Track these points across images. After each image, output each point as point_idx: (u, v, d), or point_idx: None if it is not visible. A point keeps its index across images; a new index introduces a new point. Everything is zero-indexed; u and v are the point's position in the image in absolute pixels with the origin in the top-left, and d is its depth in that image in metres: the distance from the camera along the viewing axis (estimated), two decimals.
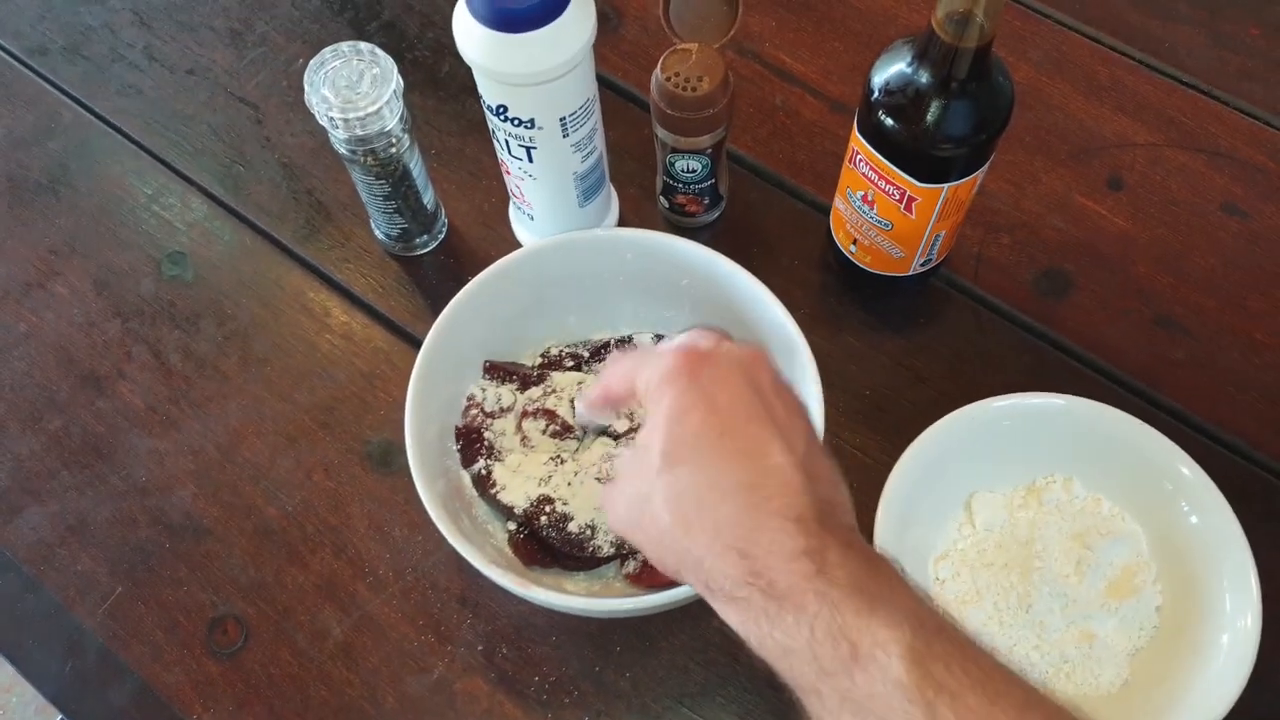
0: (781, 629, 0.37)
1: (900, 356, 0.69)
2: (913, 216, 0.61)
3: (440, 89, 0.78)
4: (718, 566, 0.38)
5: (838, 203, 0.67)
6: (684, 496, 0.39)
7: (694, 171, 0.66)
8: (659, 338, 0.67)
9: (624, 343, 0.67)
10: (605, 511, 0.45)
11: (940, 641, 0.35)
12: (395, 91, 0.61)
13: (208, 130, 0.78)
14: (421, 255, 0.73)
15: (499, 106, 0.58)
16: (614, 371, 0.47)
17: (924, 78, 0.55)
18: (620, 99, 0.78)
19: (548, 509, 0.60)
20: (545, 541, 0.60)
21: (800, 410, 0.43)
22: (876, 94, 0.57)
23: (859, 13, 0.81)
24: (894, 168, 0.59)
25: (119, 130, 0.78)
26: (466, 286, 0.61)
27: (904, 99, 0.56)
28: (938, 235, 0.63)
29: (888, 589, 0.37)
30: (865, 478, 0.61)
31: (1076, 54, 0.79)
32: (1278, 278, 0.70)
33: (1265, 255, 0.71)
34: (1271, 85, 0.77)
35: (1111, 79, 0.78)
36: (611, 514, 0.44)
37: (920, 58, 0.55)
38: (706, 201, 0.70)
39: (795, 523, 0.38)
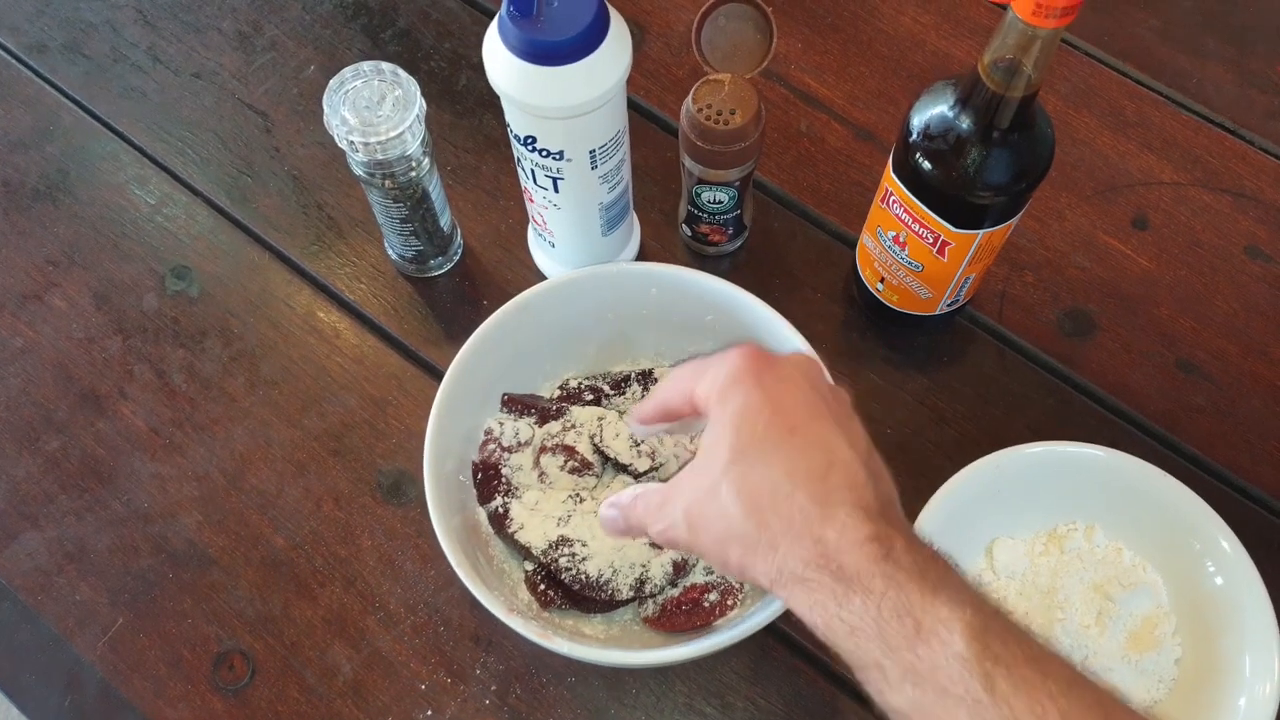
0: (849, 609, 0.39)
1: (923, 395, 0.68)
2: (945, 260, 0.60)
3: (457, 103, 0.76)
4: (791, 552, 0.40)
5: (866, 240, 0.65)
6: (757, 487, 0.41)
7: (720, 203, 0.65)
8: None
9: (645, 376, 0.65)
10: (665, 514, 0.45)
11: (996, 621, 0.38)
12: (418, 115, 0.59)
13: (214, 138, 0.75)
14: (435, 277, 0.71)
15: (528, 138, 0.56)
16: (670, 384, 0.48)
17: (966, 124, 0.54)
18: (643, 120, 0.76)
19: (567, 551, 0.58)
20: (563, 583, 0.58)
21: (854, 413, 0.46)
22: (915, 136, 0.56)
23: (887, 36, 0.79)
24: (929, 211, 0.57)
25: (121, 135, 0.75)
26: (489, 320, 0.59)
27: (944, 144, 0.55)
28: (968, 278, 0.62)
29: (947, 575, 0.40)
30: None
31: (1105, 87, 0.78)
32: None
33: None
34: None
35: (1139, 114, 0.77)
36: (667, 518, 0.45)
37: (963, 103, 0.54)
38: (730, 231, 0.68)
39: (863, 512, 0.40)
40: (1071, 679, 0.37)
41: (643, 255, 0.71)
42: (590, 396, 0.64)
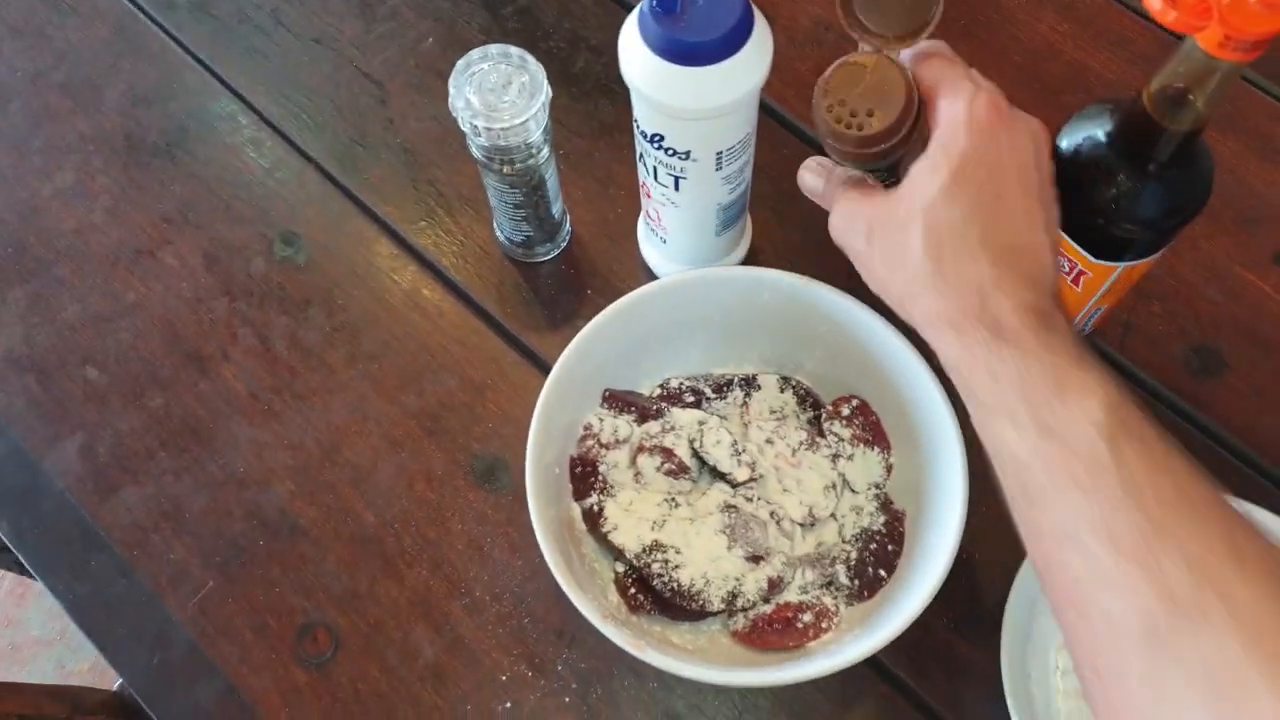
0: (997, 357, 0.41)
1: None
2: (1078, 290, 0.57)
3: (573, 85, 0.75)
4: (955, 300, 0.43)
5: None
6: (948, 235, 0.44)
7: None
8: (785, 380, 0.64)
9: (748, 381, 0.64)
10: (853, 213, 0.49)
11: (1133, 406, 0.40)
12: (544, 103, 0.58)
13: (330, 106, 0.75)
14: (542, 262, 0.70)
15: (655, 135, 0.55)
16: (935, 64, 0.48)
17: (1120, 153, 0.51)
18: (761, 114, 0.73)
19: (660, 557, 0.57)
20: (654, 590, 0.57)
21: (1055, 200, 0.47)
22: (1063, 159, 0.53)
23: (1021, 45, 0.76)
24: (1069, 239, 0.55)
25: (240, 97, 0.76)
26: (600, 315, 0.58)
27: (1095, 172, 0.52)
28: (1099, 309, 0.60)
29: (1094, 359, 0.42)
30: (1004, 549, 0.59)
31: (1252, 109, 0.74)
32: None
33: None
34: None
35: None
36: (852, 217, 0.49)
37: (1120, 130, 0.51)
38: None
39: (1035, 286, 0.43)
40: (1195, 467, 0.39)
41: (752, 255, 0.69)
42: (691, 398, 0.63)
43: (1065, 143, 0.53)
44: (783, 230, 0.70)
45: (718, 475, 0.61)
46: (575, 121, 0.74)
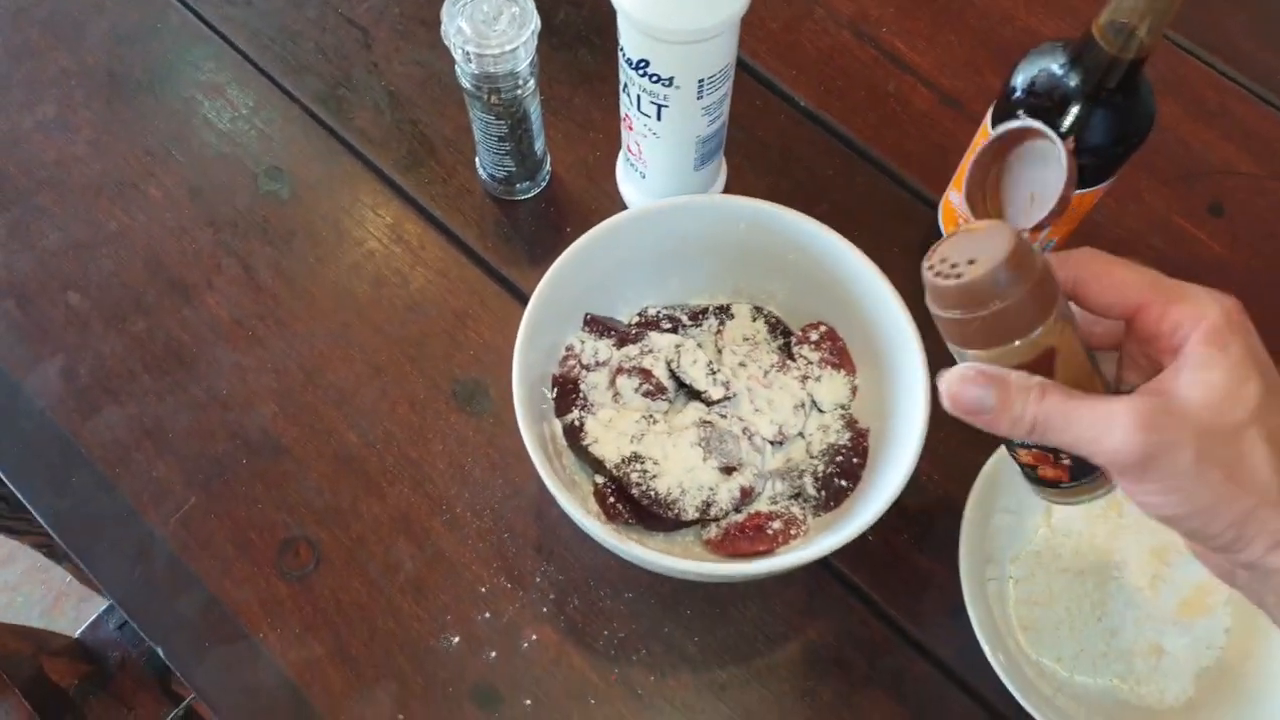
0: None
1: None
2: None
3: (554, 35, 0.78)
4: None
5: (951, 196, 0.66)
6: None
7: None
8: (757, 310, 0.67)
9: (722, 310, 0.67)
10: (1106, 429, 0.38)
11: None
12: (533, 32, 0.60)
13: (314, 49, 0.77)
14: (521, 200, 0.72)
15: (640, 61, 0.58)
16: (1125, 277, 0.41)
17: (1073, 81, 0.55)
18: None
19: (638, 467, 0.60)
20: (631, 498, 0.60)
21: None
22: (1019, 92, 0.57)
23: (977, 9, 0.80)
24: None
25: (225, 38, 0.77)
26: (582, 238, 0.60)
27: (1049, 101, 0.56)
28: (1051, 241, 0.63)
29: None
30: (951, 469, 0.62)
31: (1190, 77, 0.79)
32: None
33: None
34: None
35: (1221, 105, 0.78)
36: (1108, 435, 0.38)
37: (1072, 62, 0.55)
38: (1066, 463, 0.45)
39: None
40: None
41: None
42: (668, 325, 0.66)
43: (1021, 77, 0.57)
44: (754, 175, 0.73)
45: (694, 395, 0.63)
46: (556, 70, 0.76)
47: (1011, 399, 0.39)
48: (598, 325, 0.64)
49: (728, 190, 0.72)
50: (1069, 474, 0.43)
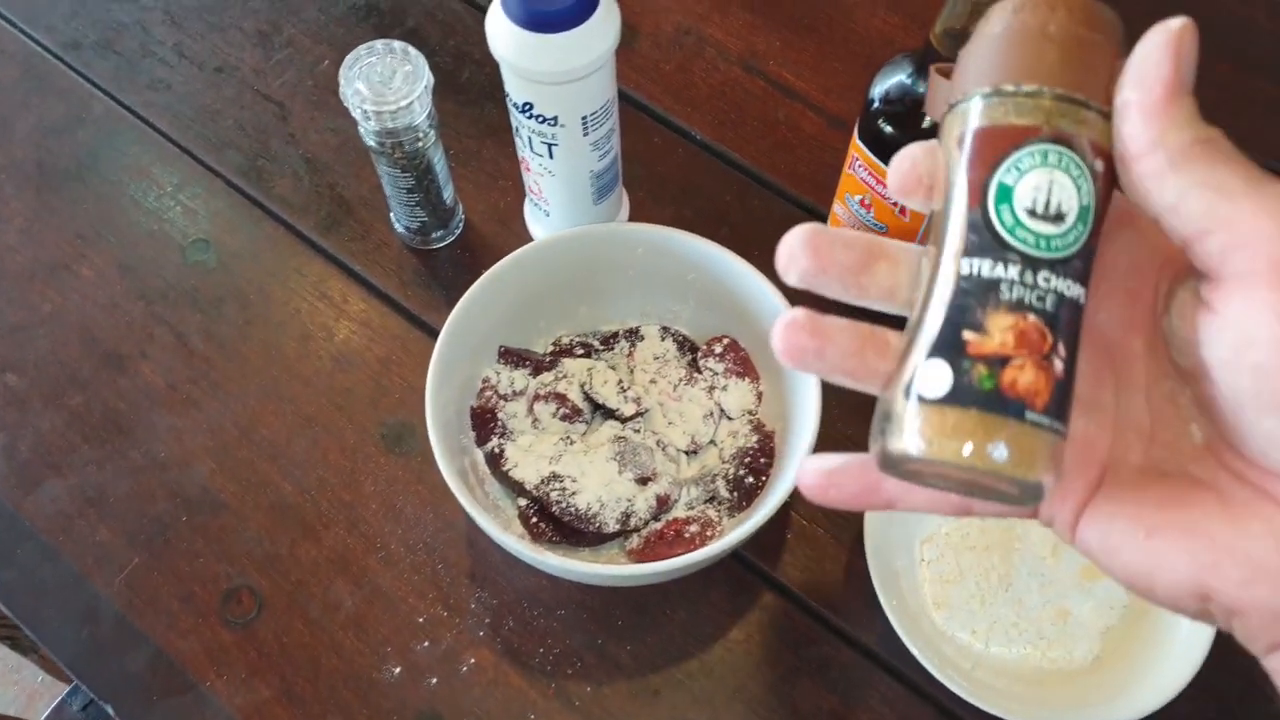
0: None
1: None
2: (906, 220, 0.65)
3: (460, 94, 0.82)
4: None
5: (836, 207, 0.70)
6: None
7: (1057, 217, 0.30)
8: (665, 330, 0.70)
9: (632, 333, 0.70)
10: None
11: None
12: (426, 87, 0.64)
13: (234, 125, 0.81)
14: (438, 249, 0.76)
15: (525, 104, 0.62)
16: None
17: (921, 88, 0.59)
18: (633, 109, 0.82)
19: (558, 485, 0.62)
20: (554, 517, 0.62)
21: None
22: (877, 103, 0.61)
23: (859, 36, 0.85)
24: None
25: (147, 122, 0.81)
26: (485, 274, 0.64)
27: (902, 107, 0.60)
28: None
29: None
30: None
31: None
32: None
33: None
34: (1241, 117, 0.81)
35: None
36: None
37: (918, 70, 0.59)
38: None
39: None
40: None
41: None
42: (581, 351, 0.69)
43: (877, 90, 0.62)
44: (657, 206, 0.77)
45: (609, 414, 0.66)
46: (463, 125, 0.81)
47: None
48: (512, 356, 0.68)
49: (633, 220, 0.76)
50: (1052, 392, 0.28)
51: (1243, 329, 0.26)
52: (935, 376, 0.28)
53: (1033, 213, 0.28)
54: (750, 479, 0.64)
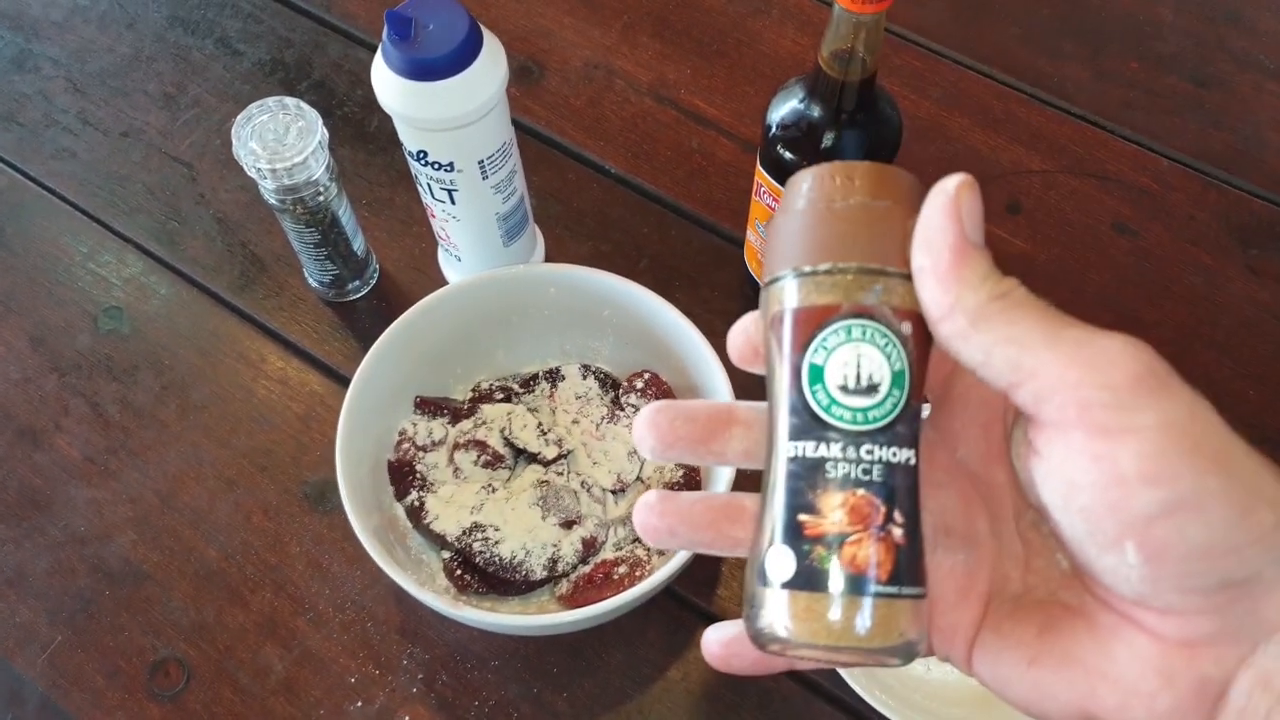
0: None
1: None
2: None
3: (369, 142, 0.82)
4: None
5: (749, 234, 0.70)
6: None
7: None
8: (586, 368, 0.69)
9: (552, 374, 0.69)
10: None
11: None
12: (320, 142, 0.64)
13: (143, 189, 0.80)
14: (354, 300, 0.75)
15: (419, 152, 0.61)
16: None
17: (815, 111, 0.59)
18: (545, 146, 0.81)
19: (480, 535, 0.61)
20: (479, 568, 0.62)
21: None
22: (774, 129, 0.61)
23: (769, 58, 0.85)
24: None
25: (53, 192, 0.80)
26: (392, 325, 0.63)
27: (798, 132, 0.60)
28: None
29: None
30: None
31: (973, 90, 0.84)
32: (1166, 290, 0.75)
33: (1154, 270, 0.76)
34: (1153, 113, 0.82)
35: (1006, 112, 0.83)
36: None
37: (811, 93, 0.59)
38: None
39: None
40: None
41: None
42: (501, 396, 0.68)
43: (774, 115, 0.62)
44: (575, 242, 0.77)
45: (531, 458, 0.66)
46: (373, 173, 0.80)
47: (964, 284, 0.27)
48: (429, 405, 0.67)
49: (549, 260, 0.75)
50: (894, 562, 0.28)
51: (1066, 475, 0.27)
52: (781, 562, 0.28)
53: (845, 389, 0.28)
54: None
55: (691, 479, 0.64)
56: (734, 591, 0.65)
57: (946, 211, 0.27)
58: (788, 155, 0.61)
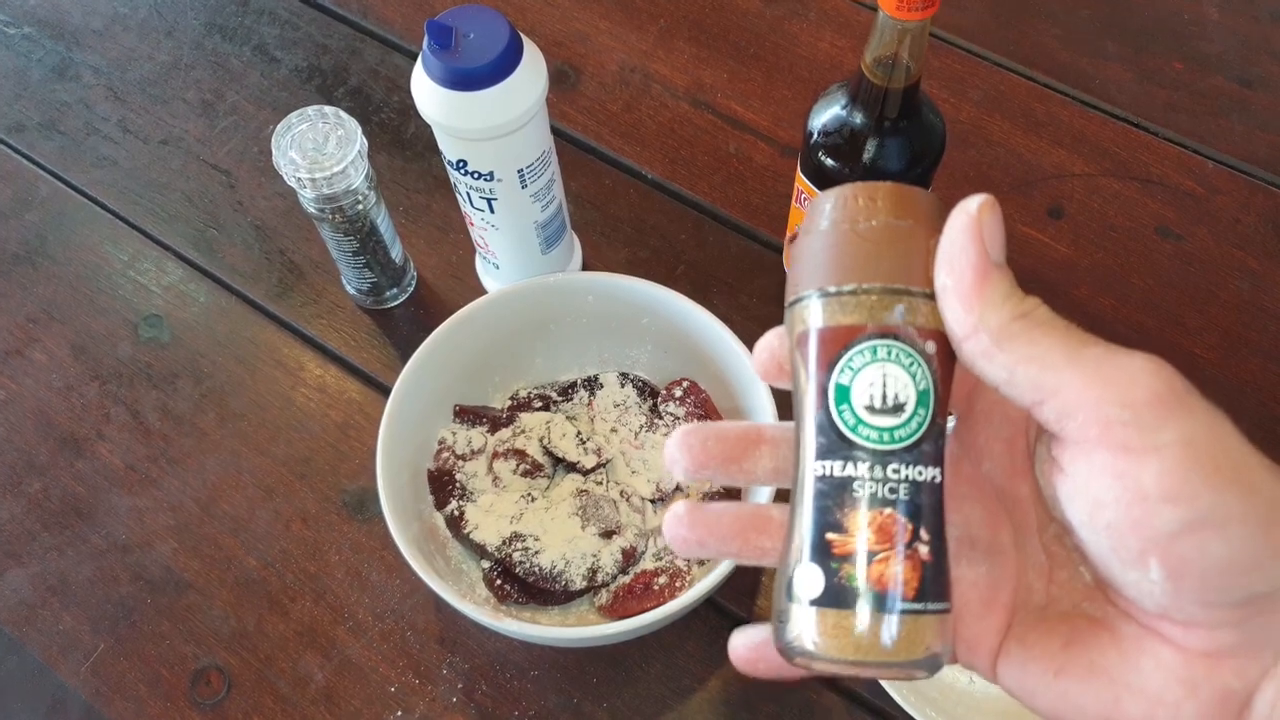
0: None
1: None
2: None
3: (406, 149, 0.82)
4: None
5: (788, 240, 0.69)
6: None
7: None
8: (624, 376, 0.69)
9: (590, 382, 0.69)
10: None
11: None
12: (360, 151, 0.64)
13: (181, 197, 0.80)
14: (392, 308, 0.75)
15: (459, 161, 0.61)
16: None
17: (858, 118, 0.58)
18: (581, 152, 0.81)
19: (520, 545, 0.61)
20: (519, 578, 0.61)
21: None
22: (815, 136, 0.61)
23: (806, 61, 0.84)
24: None
25: (95, 200, 0.81)
26: (432, 334, 0.63)
27: (840, 139, 0.59)
28: None
29: None
30: None
31: (1014, 92, 0.83)
32: (1212, 295, 0.73)
33: (1198, 274, 0.74)
34: (1196, 115, 0.81)
35: (1048, 114, 0.82)
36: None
37: (854, 100, 0.58)
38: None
39: None
40: None
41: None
42: (539, 404, 0.68)
43: (816, 122, 0.61)
44: (611, 249, 0.77)
45: (570, 467, 0.65)
46: (411, 180, 0.80)
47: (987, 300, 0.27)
48: (469, 414, 0.67)
49: (587, 267, 0.75)
50: (920, 579, 0.28)
51: (1090, 492, 0.27)
52: (809, 579, 0.29)
53: (871, 408, 0.29)
54: None
55: (732, 489, 0.64)
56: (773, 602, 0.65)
57: (968, 231, 0.28)
58: (830, 162, 0.60)
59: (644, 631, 0.56)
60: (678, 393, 0.67)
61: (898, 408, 0.28)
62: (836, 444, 0.29)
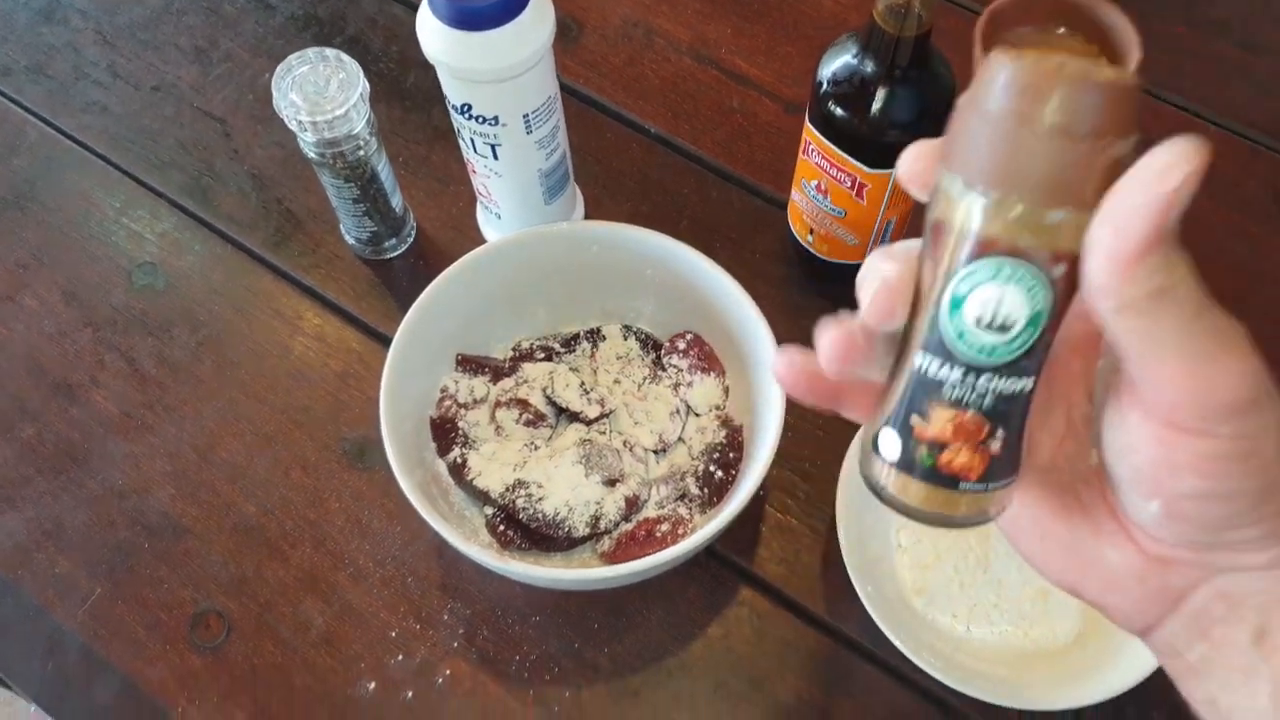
0: None
1: None
2: (864, 203, 0.64)
3: (406, 99, 0.81)
4: None
5: (794, 194, 0.69)
6: None
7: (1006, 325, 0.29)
8: (627, 329, 0.69)
9: (593, 334, 0.69)
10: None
11: None
12: (362, 94, 0.63)
13: (175, 144, 0.79)
14: (391, 259, 0.74)
15: (464, 105, 0.60)
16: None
17: (869, 67, 0.58)
18: (582, 104, 0.80)
19: (523, 492, 0.61)
20: (521, 524, 0.61)
21: None
22: (825, 85, 0.61)
23: (810, 19, 0.84)
24: (844, 155, 0.62)
25: (85, 146, 0.79)
26: (435, 281, 0.62)
27: (850, 88, 0.59)
28: (889, 222, 0.66)
29: None
30: (828, 451, 0.64)
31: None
32: (1211, 259, 0.73)
33: (1197, 238, 0.74)
34: (1200, 80, 0.81)
35: None
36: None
37: (864, 49, 0.58)
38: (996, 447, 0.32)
39: None
40: None
41: None
42: (542, 355, 0.68)
43: (825, 71, 0.61)
44: (614, 203, 0.76)
45: (572, 417, 0.65)
46: (410, 130, 0.79)
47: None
48: (471, 364, 0.66)
49: (588, 218, 0.75)
50: (987, 467, 0.31)
51: (1132, 438, 0.30)
52: (890, 443, 0.32)
53: (980, 322, 0.29)
54: (720, 474, 0.63)
55: (734, 440, 0.64)
56: (774, 552, 0.65)
57: (1157, 202, 0.25)
58: (839, 112, 0.60)
59: (646, 575, 0.57)
60: (681, 345, 0.67)
61: (1005, 327, 0.29)
62: (939, 344, 0.30)
